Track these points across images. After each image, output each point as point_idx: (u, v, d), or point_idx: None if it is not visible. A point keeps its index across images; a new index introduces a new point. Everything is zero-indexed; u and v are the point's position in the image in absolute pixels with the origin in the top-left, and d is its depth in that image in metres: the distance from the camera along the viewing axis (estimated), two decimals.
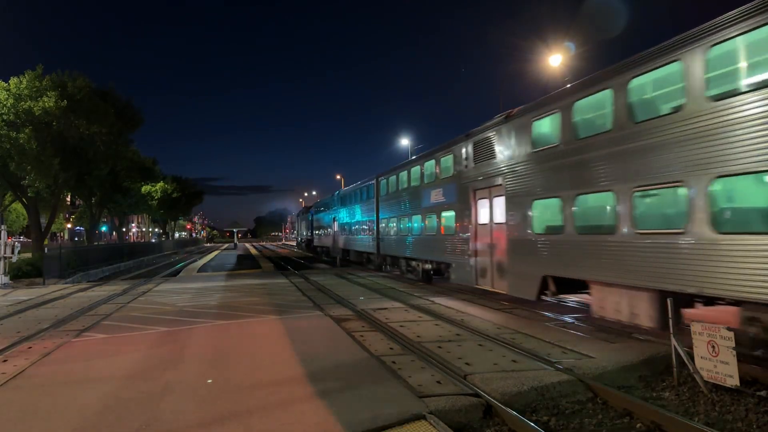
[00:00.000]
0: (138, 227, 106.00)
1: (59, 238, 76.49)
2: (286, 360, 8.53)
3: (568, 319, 11.68)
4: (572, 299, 13.98)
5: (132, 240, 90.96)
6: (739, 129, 7.30)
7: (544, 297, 12.08)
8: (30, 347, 9.91)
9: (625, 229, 9.38)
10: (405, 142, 52.07)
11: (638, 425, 5.95)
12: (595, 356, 8.27)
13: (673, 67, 8.55)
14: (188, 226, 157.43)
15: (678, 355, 7.09)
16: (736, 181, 7.66)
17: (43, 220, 35.27)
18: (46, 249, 27.80)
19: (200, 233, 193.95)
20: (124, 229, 70.18)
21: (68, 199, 61.32)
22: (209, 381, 7.41)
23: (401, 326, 11.12)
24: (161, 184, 64.38)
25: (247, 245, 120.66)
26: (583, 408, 6.55)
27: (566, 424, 6.08)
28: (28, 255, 28.32)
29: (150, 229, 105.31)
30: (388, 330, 10.83)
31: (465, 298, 15.30)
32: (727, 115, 7.49)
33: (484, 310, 13.08)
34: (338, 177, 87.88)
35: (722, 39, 7.68)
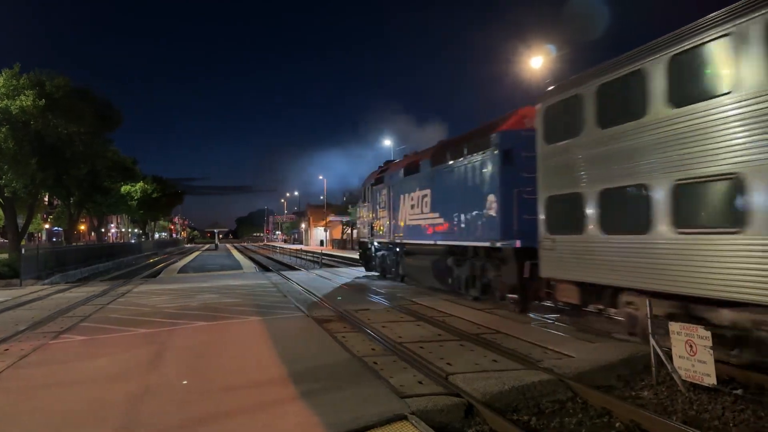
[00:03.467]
0: (117, 228, 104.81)
1: (37, 238, 75.44)
2: (268, 361, 8.49)
3: (548, 319, 11.77)
4: None
5: (111, 241, 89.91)
6: None
7: None
8: (6, 349, 9.75)
9: None
10: (387, 142, 52.19)
11: (617, 424, 6.02)
12: (575, 356, 8.34)
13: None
14: (169, 227, 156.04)
15: (657, 354, 7.18)
16: None
17: (21, 220, 34.75)
18: (23, 249, 27.38)
19: (180, 234, 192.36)
20: (102, 230, 69.39)
21: (45, 199, 60.47)
22: (185, 382, 7.35)
23: (383, 327, 11.13)
24: (141, 184, 63.85)
25: (229, 246, 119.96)
26: (563, 407, 6.61)
27: (547, 424, 6.14)
28: (5, 256, 27.88)
29: (129, 230, 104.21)
30: (370, 331, 10.82)
31: (447, 298, 15.34)
32: None
33: (466, 310, 13.13)
34: (320, 177, 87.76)
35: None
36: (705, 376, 6.48)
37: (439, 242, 16.17)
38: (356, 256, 47.32)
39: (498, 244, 12.78)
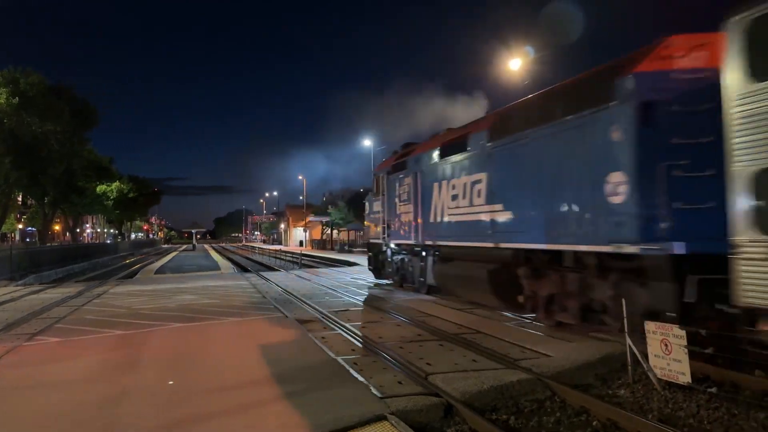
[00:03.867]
0: (93, 228, 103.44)
1: (10, 238, 74.11)
2: (247, 363, 8.45)
3: (526, 318, 11.86)
4: None
5: (86, 241, 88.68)
6: None
7: None
8: None
9: None
10: (367, 143, 52.27)
11: (594, 423, 6.09)
12: (553, 355, 8.42)
13: None
14: (145, 227, 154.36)
15: (633, 353, 7.28)
16: None
17: None
18: None
19: (157, 234, 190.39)
20: (78, 230, 68.45)
21: (19, 198, 59.45)
22: (171, 383, 7.28)
23: (363, 327, 11.13)
24: (117, 183, 63.25)
25: (207, 247, 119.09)
26: (541, 406, 6.67)
27: (525, 423, 6.19)
28: None
29: (105, 230, 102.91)
30: (350, 331, 10.82)
31: (427, 298, 15.39)
32: None
33: (446, 310, 13.19)
34: (300, 177, 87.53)
35: None
36: (680, 375, 6.58)
37: (502, 245, 11.71)
38: (336, 256, 47.28)
39: (634, 249, 8.27)
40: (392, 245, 18.74)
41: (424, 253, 16.17)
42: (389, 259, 19.35)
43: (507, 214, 11.59)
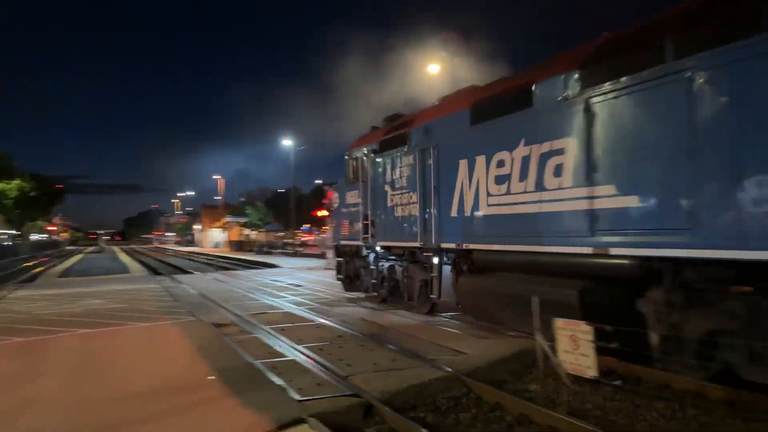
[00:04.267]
0: None
1: None
2: (159, 369, 8.15)
3: (444, 317, 12.08)
4: None
5: None
6: None
7: None
8: None
9: None
10: (287, 142, 51.78)
11: (508, 417, 6.28)
12: (469, 352, 8.63)
13: None
14: (48, 228, 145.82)
15: (543, 349, 7.55)
16: None
17: None
18: None
19: (60, 235, 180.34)
20: None
21: None
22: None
23: (282, 330, 11.00)
24: (17, 182, 59.44)
25: (116, 249, 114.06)
26: (458, 403, 6.82)
27: (443, 420, 6.30)
28: None
29: (3, 231, 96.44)
30: (269, 334, 10.66)
31: (353, 301, 15.40)
32: None
33: (366, 311, 13.23)
34: (215, 177, 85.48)
35: None
36: (587, 369, 6.87)
37: (614, 250, 7.55)
38: (255, 258, 46.20)
39: None
40: (378, 248, 14.48)
41: (435, 260, 11.94)
42: (371, 267, 15.00)
43: (627, 201, 7.35)
